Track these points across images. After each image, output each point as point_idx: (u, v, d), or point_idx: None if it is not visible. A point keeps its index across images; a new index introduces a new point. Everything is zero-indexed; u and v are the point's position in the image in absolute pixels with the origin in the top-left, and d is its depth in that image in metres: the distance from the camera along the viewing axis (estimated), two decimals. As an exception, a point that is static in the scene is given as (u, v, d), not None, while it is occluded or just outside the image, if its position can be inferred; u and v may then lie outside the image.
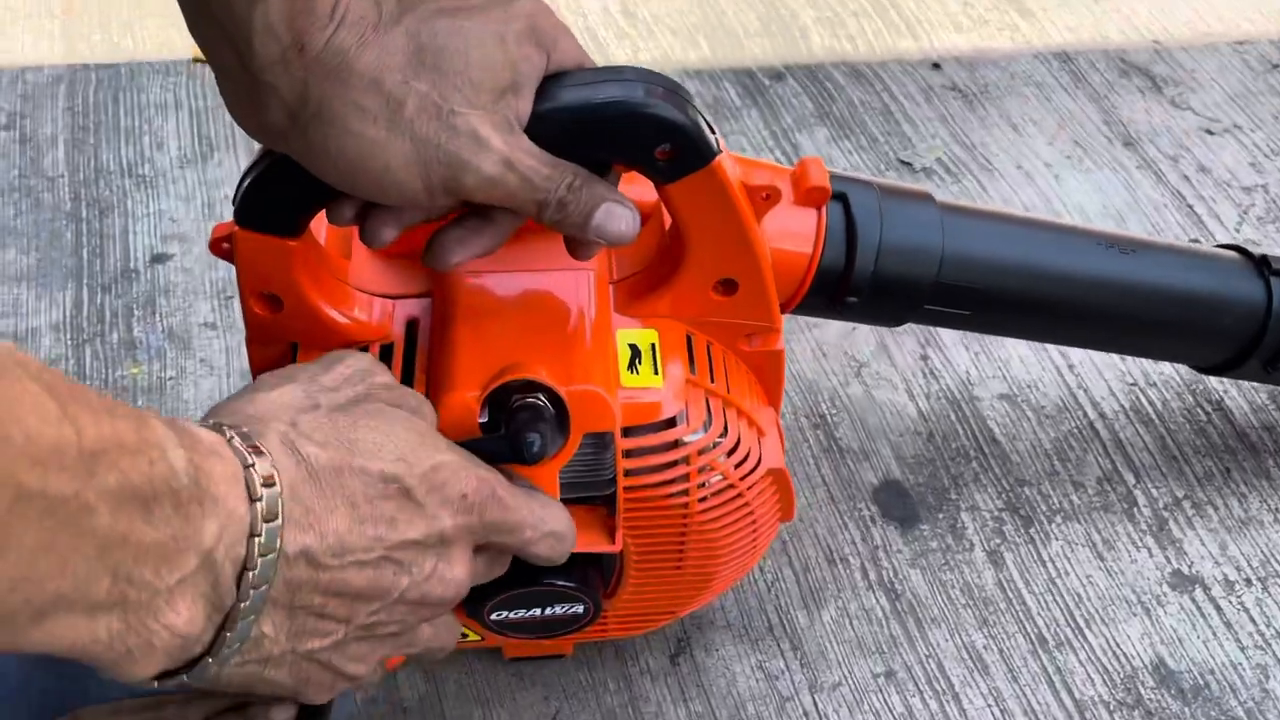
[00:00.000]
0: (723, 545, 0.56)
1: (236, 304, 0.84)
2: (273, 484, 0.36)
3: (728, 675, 0.68)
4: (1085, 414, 0.81)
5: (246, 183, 0.46)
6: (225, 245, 0.49)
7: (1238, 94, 1.05)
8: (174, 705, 0.53)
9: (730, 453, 0.53)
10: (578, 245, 0.48)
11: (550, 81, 0.45)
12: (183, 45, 1.05)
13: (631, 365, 0.52)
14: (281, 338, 0.53)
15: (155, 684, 0.37)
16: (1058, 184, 0.96)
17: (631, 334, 0.52)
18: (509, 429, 0.47)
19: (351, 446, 0.40)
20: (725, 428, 0.53)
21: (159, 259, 0.90)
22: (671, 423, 0.51)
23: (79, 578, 0.31)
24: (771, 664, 0.68)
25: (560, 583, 0.54)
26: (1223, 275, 0.66)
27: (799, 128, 1.01)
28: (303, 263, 0.49)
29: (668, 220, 0.52)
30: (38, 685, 0.50)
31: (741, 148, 0.99)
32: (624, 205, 0.46)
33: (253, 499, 0.36)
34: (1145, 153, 0.99)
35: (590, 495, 0.53)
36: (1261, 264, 0.67)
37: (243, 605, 0.36)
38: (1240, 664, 0.69)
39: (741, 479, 0.54)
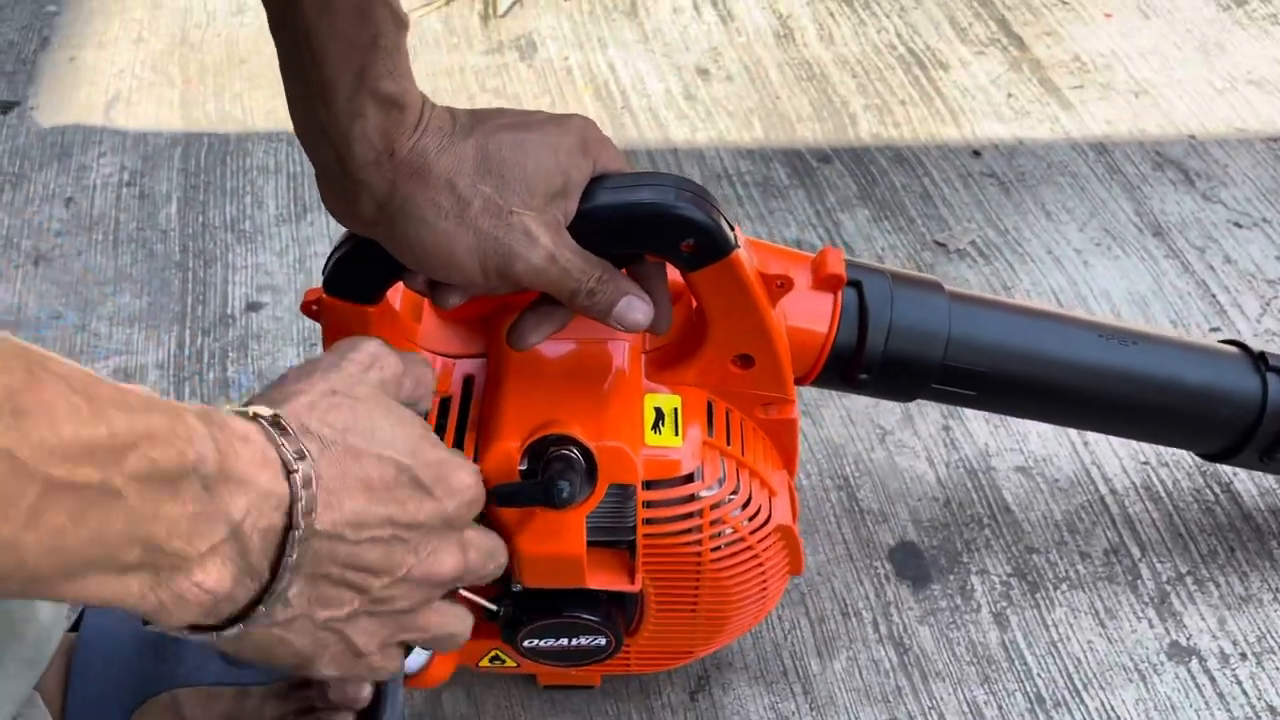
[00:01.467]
0: (734, 592, 0.63)
1: (319, 352, 0.93)
2: (303, 458, 0.41)
3: (742, 713, 0.74)
4: (1097, 489, 0.86)
5: (334, 259, 0.55)
6: (314, 307, 0.58)
7: (1269, 189, 1.09)
8: (255, 697, 0.62)
9: (741, 508, 0.60)
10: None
11: (594, 184, 0.53)
12: (284, 116, 1.16)
13: (656, 426, 0.59)
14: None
15: (189, 635, 0.42)
16: (1086, 270, 1.02)
17: (658, 398, 0.60)
18: (543, 476, 0.54)
19: (369, 435, 0.45)
20: (738, 486, 0.60)
21: (253, 307, 1.00)
22: (689, 479, 0.58)
23: (109, 546, 0.35)
24: (783, 705, 0.74)
25: (585, 616, 0.61)
26: (1219, 369, 0.71)
27: (842, 207, 1.08)
28: (377, 325, 0.57)
29: (694, 301, 0.60)
30: (137, 668, 0.58)
31: (787, 224, 1.07)
32: (641, 299, 0.53)
33: (289, 476, 0.41)
34: (1174, 243, 1.04)
35: (615, 540, 0.60)
36: (1259, 360, 0.72)
37: (279, 572, 0.41)
38: (1230, 734, 0.73)
39: (751, 533, 0.61)
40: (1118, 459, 0.87)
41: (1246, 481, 0.86)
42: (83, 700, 0.58)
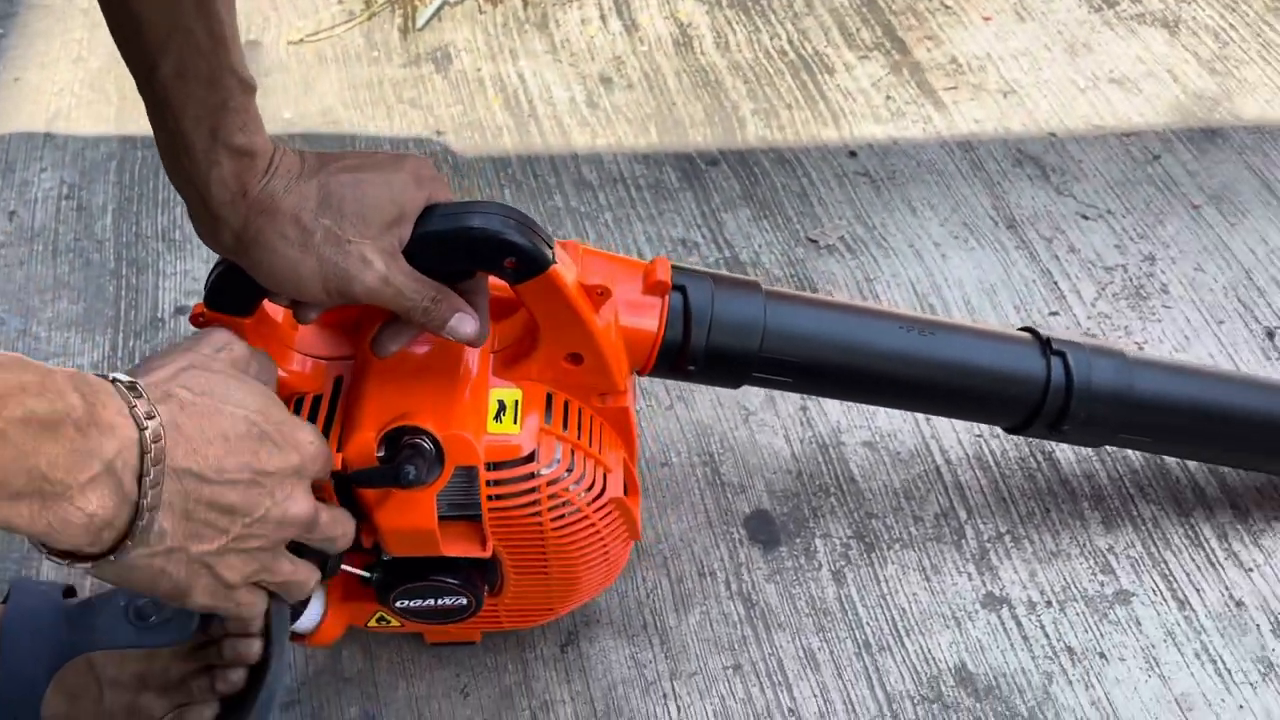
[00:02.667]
0: (578, 557, 0.73)
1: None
2: (153, 417, 0.49)
3: (605, 663, 0.84)
4: (934, 459, 0.96)
5: (212, 278, 0.65)
6: (200, 320, 0.68)
7: (1116, 182, 1.19)
8: (162, 657, 0.72)
9: (576, 484, 0.70)
10: None
11: (427, 212, 0.63)
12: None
13: (498, 416, 0.69)
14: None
15: (71, 565, 0.49)
16: (943, 261, 1.12)
17: (501, 392, 0.70)
18: (395, 462, 0.64)
19: (224, 397, 0.54)
20: (572, 465, 0.70)
21: (182, 310, 1.09)
22: (528, 459, 0.68)
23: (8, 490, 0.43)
24: (642, 655, 0.85)
25: (446, 579, 0.71)
26: (1009, 354, 0.81)
27: (726, 208, 1.18)
28: (254, 334, 0.67)
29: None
30: (55, 636, 0.68)
31: (674, 224, 1.16)
32: (470, 315, 0.63)
33: (139, 428, 0.48)
34: (1024, 234, 1.14)
35: (469, 514, 0.70)
36: (1045, 344, 0.82)
37: (144, 501, 0.48)
38: (1029, 670, 0.84)
39: (588, 504, 0.71)
40: (955, 433, 0.98)
41: (1067, 451, 0.97)
42: (10, 666, 0.68)
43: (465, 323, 0.63)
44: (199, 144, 0.56)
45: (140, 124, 1.27)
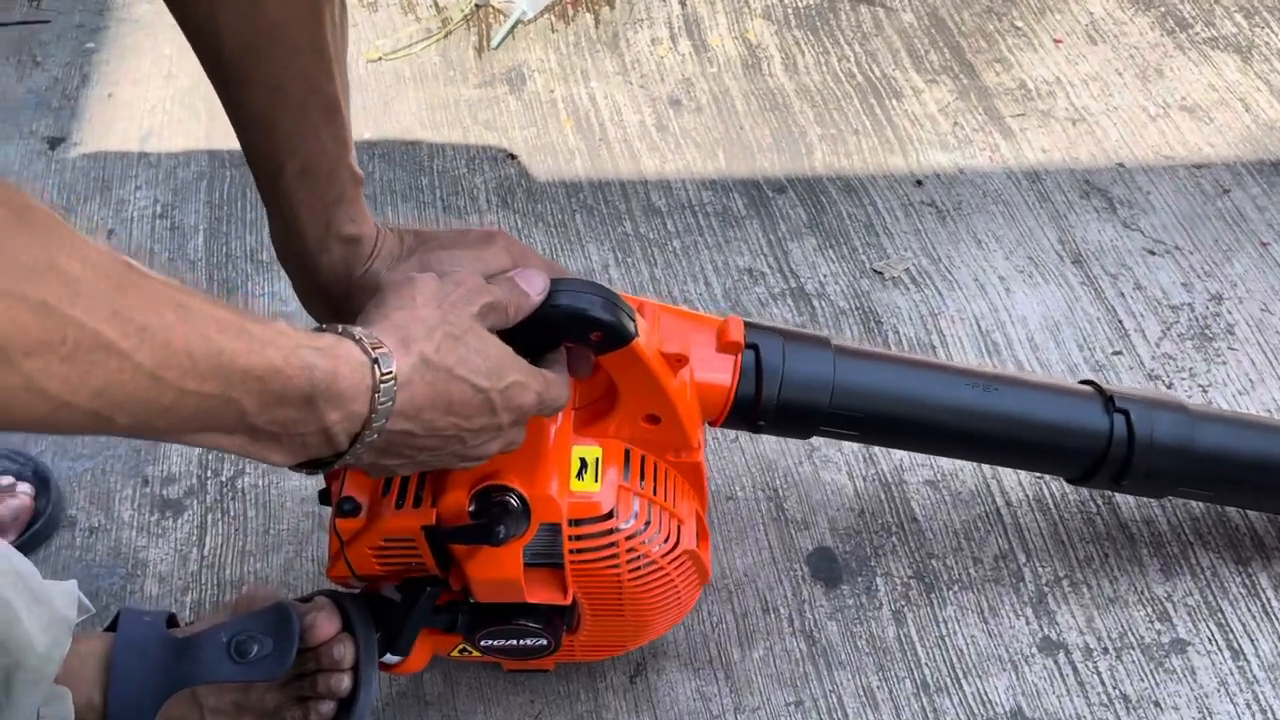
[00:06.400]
0: (651, 603, 0.77)
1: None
2: (391, 383, 0.50)
3: (672, 695, 0.88)
4: (995, 501, 0.99)
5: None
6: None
7: (1185, 216, 1.19)
8: (258, 689, 0.77)
9: (652, 538, 0.74)
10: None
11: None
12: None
13: (580, 473, 0.72)
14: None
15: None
16: (1007, 296, 1.14)
17: (583, 449, 0.73)
18: (486, 520, 0.68)
19: (462, 361, 0.55)
20: (649, 520, 0.74)
21: (270, 333, 1.14)
22: (608, 516, 0.72)
23: (220, 424, 0.45)
24: (708, 688, 0.89)
25: (529, 623, 0.75)
26: (1071, 409, 0.83)
27: (792, 237, 1.20)
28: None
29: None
30: (165, 668, 0.73)
31: (741, 253, 1.19)
32: (567, 388, 0.65)
33: (372, 408, 0.50)
34: (1090, 270, 1.15)
35: (551, 562, 0.74)
36: (1109, 401, 0.84)
37: (349, 451, 0.51)
38: (1084, 717, 0.86)
39: (663, 556, 0.75)
40: (1016, 475, 1.00)
41: (1127, 496, 0.98)
42: (122, 695, 0.73)
43: (564, 397, 0.66)
44: (312, 234, 0.60)
45: (229, 142, 1.32)
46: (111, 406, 0.40)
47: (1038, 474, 1.00)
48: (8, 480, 0.97)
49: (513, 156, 1.30)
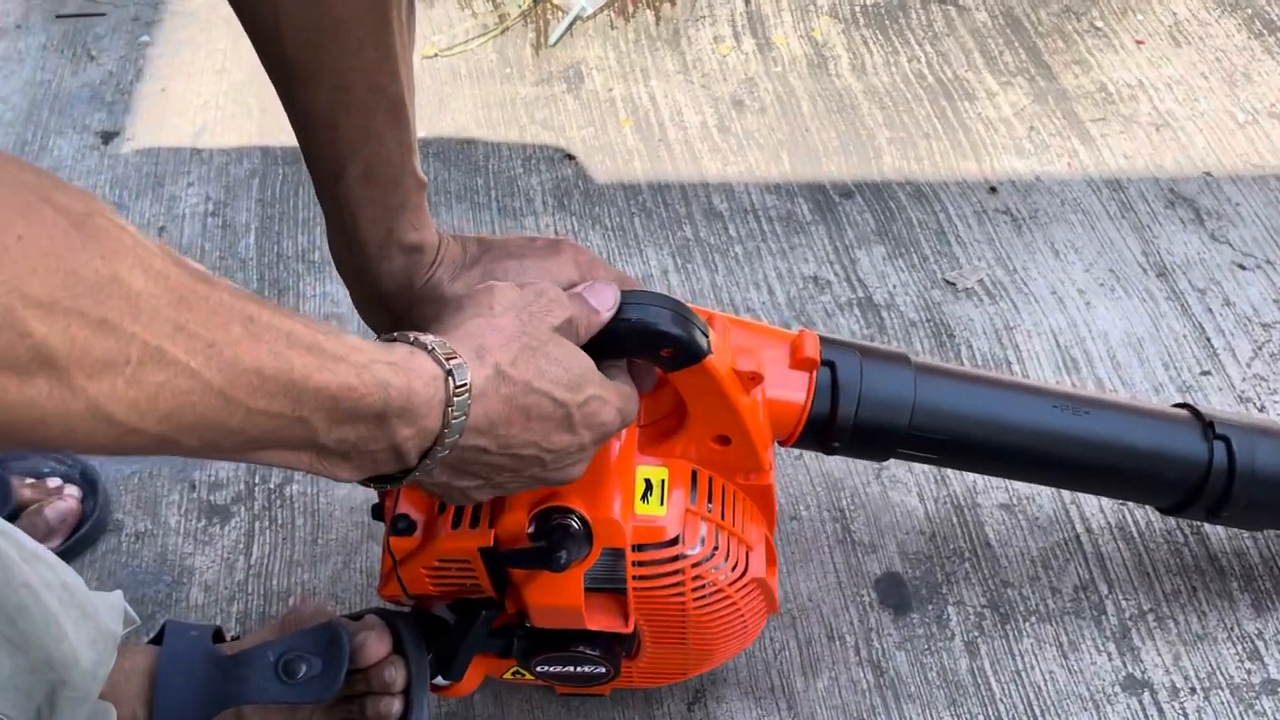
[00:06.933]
0: (716, 632, 0.73)
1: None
2: (465, 397, 0.47)
3: (732, 725, 0.84)
4: (1074, 528, 0.93)
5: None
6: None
7: (1276, 229, 1.13)
8: (305, 711, 0.74)
9: (720, 565, 0.70)
10: None
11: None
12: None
13: (645, 496, 0.69)
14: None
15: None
16: (1087, 310, 1.08)
17: (648, 470, 0.69)
18: (547, 543, 0.65)
19: (541, 373, 0.52)
20: (716, 545, 0.70)
21: (321, 335, 1.12)
22: (673, 542, 0.68)
23: (287, 443, 0.43)
24: (769, 719, 0.84)
25: (587, 651, 0.72)
26: (1168, 435, 0.78)
27: (860, 244, 1.15)
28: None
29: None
30: (210, 686, 0.71)
31: (806, 260, 1.14)
32: (636, 399, 0.62)
33: (444, 424, 0.47)
34: (1176, 284, 1.10)
35: (613, 588, 0.71)
36: (1208, 427, 0.79)
37: (418, 466, 0.49)
38: (1171, 762, 0.81)
39: (730, 584, 0.71)
40: (1097, 501, 0.95)
41: (1217, 526, 0.93)
42: (166, 713, 0.71)
43: (636, 412, 0.62)
44: (373, 241, 0.57)
45: (281, 139, 1.30)
46: (179, 430, 0.37)
47: (1122, 501, 0.94)
48: (55, 483, 0.95)
49: (570, 157, 1.27)
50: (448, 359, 0.48)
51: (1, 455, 0.97)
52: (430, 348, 0.48)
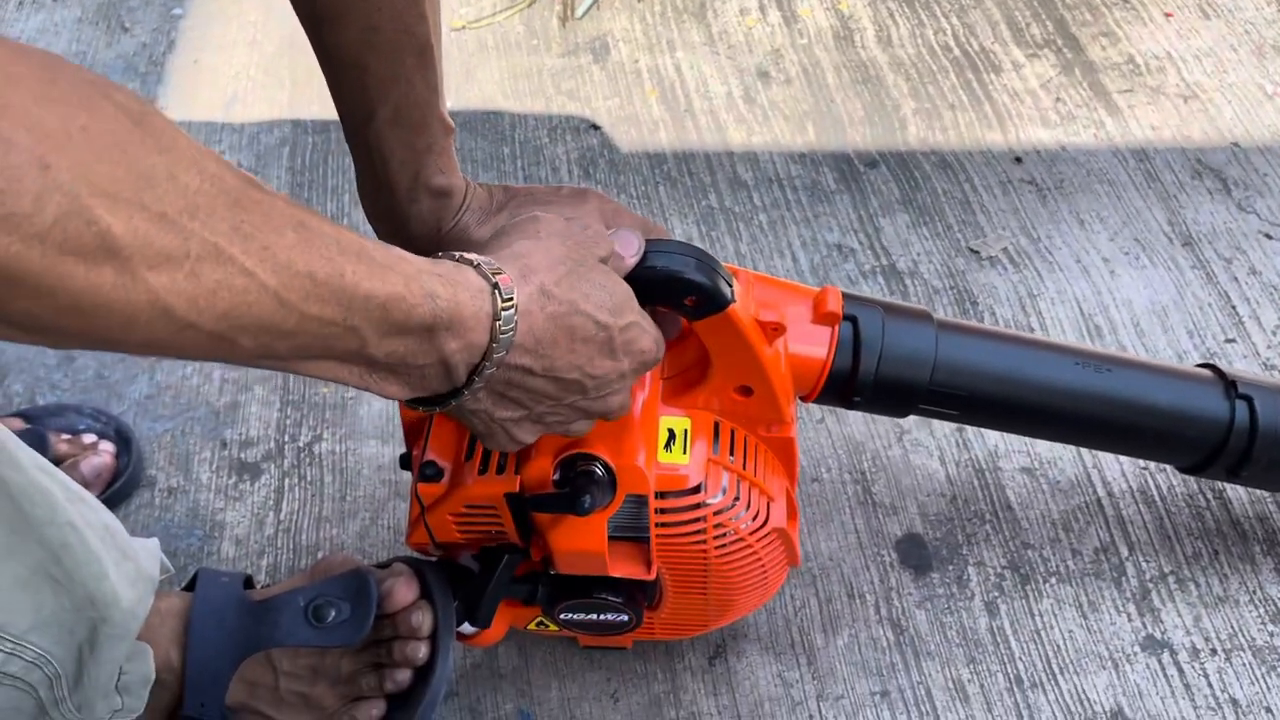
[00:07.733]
0: (737, 582, 0.74)
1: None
2: (511, 311, 0.48)
3: (752, 679, 0.85)
4: (1095, 491, 0.94)
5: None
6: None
7: (1305, 199, 1.13)
8: (334, 653, 0.75)
9: (741, 514, 0.71)
10: None
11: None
12: (379, 121, 1.28)
13: (668, 445, 0.70)
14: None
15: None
16: (1112, 279, 1.08)
17: (671, 420, 0.70)
18: (571, 489, 0.66)
19: (585, 296, 0.53)
20: (738, 495, 0.71)
21: (349, 300, 1.13)
22: (695, 490, 0.69)
23: (338, 353, 0.44)
24: (789, 674, 0.85)
25: (610, 598, 0.73)
26: (1190, 393, 0.78)
27: (884, 212, 1.16)
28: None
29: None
30: (242, 630, 0.72)
31: (830, 228, 1.15)
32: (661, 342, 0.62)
33: (492, 337, 0.48)
34: (1201, 253, 1.09)
35: (635, 535, 0.72)
36: (1230, 385, 0.79)
37: (467, 386, 0.50)
38: (1190, 720, 0.81)
39: (751, 533, 0.72)
40: (1119, 464, 0.95)
41: (1239, 489, 0.93)
42: (199, 654, 0.72)
43: (662, 351, 0.63)
44: (402, 185, 0.58)
45: (311, 109, 1.31)
46: (236, 329, 0.38)
47: (1144, 464, 0.94)
48: (91, 438, 0.97)
49: (595, 127, 1.28)
50: (494, 274, 0.49)
51: (41, 411, 0.99)
52: (476, 264, 0.48)
